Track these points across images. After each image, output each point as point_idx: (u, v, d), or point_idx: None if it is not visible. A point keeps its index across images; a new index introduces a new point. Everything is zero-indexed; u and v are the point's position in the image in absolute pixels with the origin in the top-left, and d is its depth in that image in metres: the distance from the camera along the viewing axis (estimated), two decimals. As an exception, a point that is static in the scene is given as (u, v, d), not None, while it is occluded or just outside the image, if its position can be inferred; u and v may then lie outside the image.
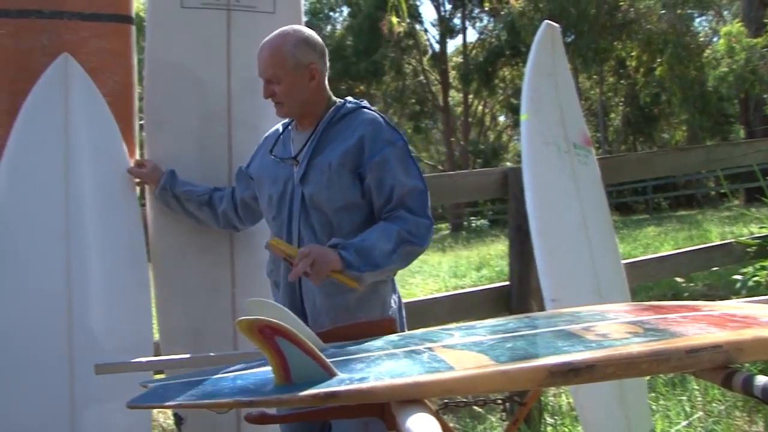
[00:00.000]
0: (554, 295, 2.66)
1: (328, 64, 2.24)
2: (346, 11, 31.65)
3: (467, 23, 29.51)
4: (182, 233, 2.58)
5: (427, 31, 30.33)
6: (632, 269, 3.66)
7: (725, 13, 23.45)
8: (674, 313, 1.70)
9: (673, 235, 10.92)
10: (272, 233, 2.28)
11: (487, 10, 27.62)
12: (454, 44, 31.83)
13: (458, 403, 2.10)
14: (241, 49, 2.60)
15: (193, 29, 2.61)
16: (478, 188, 3.84)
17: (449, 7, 29.40)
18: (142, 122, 2.75)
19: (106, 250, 2.42)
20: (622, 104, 26.56)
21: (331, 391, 1.25)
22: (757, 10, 16.34)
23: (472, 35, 30.13)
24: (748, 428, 3.28)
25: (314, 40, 2.19)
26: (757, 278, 4.36)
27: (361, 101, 2.27)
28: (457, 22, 29.76)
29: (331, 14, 32.59)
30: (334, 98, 2.25)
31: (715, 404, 3.49)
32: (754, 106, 17.56)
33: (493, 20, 28.03)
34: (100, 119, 2.46)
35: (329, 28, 31.71)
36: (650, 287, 6.25)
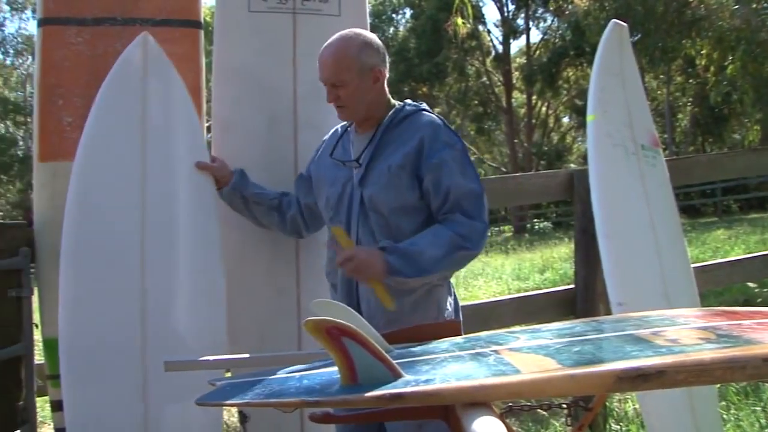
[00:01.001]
0: (621, 298, 2.62)
1: (388, 66, 2.25)
2: (408, 13, 31.72)
3: (531, 23, 29.22)
4: (247, 234, 2.61)
5: (490, 32, 30.10)
6: (702, 273, 3.57)
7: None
8: (749, 319, 1.65)
9: (744, 238, 10.59)
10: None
11: (551, 9, 27.28)
12: (517, 45, 31.60)
13: (522, 406, 2.08)
14: (307, 51, 2.63)
15: (259, 33, 2.65)
16: (543, 190, 3.80)
17: (512, 7, 29.15)
18: (209, 124, 2.81)
19: (183, 246, 2.43)
20: (690, 104, 25.90)
21: (397, 392, 1.25)
22: (837, 4, 15.71)
23: (535, 35, 29.87)
24: (825, 440, 3.16)
25: (377, 42, 2.21)
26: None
27: (420, 104, 2.27)
28: (520, 22, 29.49)
29: (393, 16, 32.70)
30: (393, 101, 2.26)
31: (790, 414, 3.38)
32: (832, 105, 16.89)
33: (557, 20, 27.65)
34: (177, 97, 2.46)
35: (392, 30, 31.81)
36: (720, 292, 6.08)
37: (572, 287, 3.60)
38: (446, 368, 1.38)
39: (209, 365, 2.14)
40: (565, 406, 2.05)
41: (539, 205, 25.55)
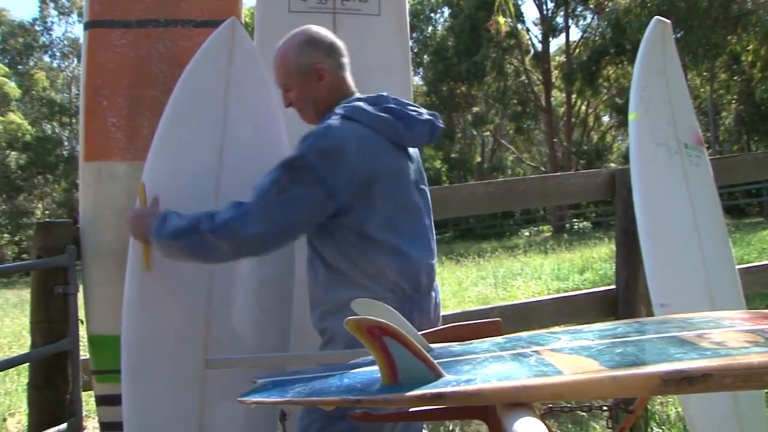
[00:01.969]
0: (663, 300, 2.58)
1: (344, 60, 2.15)
2: (447, 12, 31.67)
3: (570, 21, 28.98)
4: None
5: (529, 30, 29.93)
6: (747, 275, 3.49)
7: None
8: (797, 321, 1.62)
9: (790, 239, 10.37)
10: None
11: (590, 7, 27.00)
12: (556, 43, 31.49)
13: (563, 407, 2.06)
14: (347, 51, 2.64)
15: (300, 33, 2.66)
16: (584, 190, 3.75)
17: (551, 5, 28.94)
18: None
19: None
20: (734, 102, 25.41)
21: (437, 392, 1.24)
22: None
23: (575, 33, 29.67)
24: None
25: (317, 38, 2.12)
26: None
27: (354, 103, 2.06)
28: (559, 20, 29.29)
29: (432, 15, 32.67)
30: (354, 95, 2.13)
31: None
32: None
33: (597, 18, 27.35)
34: (260, 81, 2.45)
35: (430, 29, 31.80)
36: (766, 294, 5.95)
37: (613, 288, 3.56)
38: (487, 368, 1.37)
39: (250, 362, 2.16)
40: (605, 408, 2.03)
41: (578, 204, 25.31)
